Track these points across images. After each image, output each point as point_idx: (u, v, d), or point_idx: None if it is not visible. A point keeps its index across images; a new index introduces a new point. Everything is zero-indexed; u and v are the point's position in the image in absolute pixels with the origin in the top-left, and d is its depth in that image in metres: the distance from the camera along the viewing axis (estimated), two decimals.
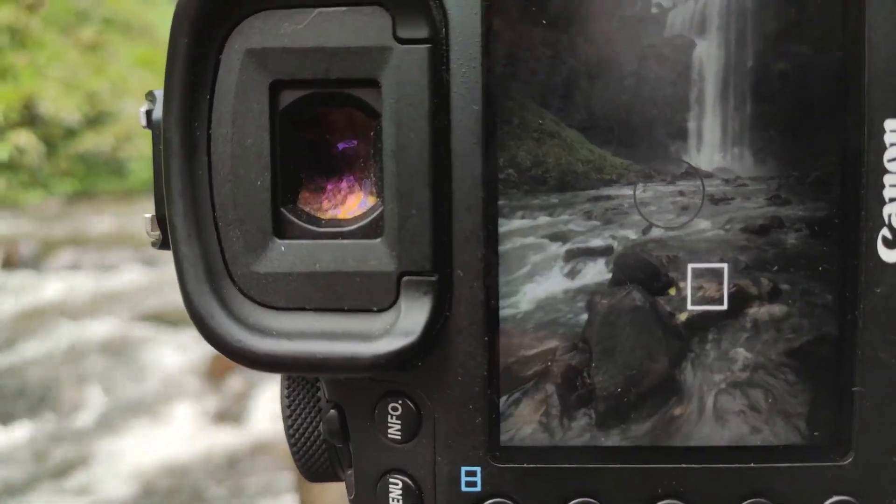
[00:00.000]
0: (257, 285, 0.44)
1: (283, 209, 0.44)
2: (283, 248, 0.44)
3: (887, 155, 0.43)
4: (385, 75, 0.42)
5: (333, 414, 0.47)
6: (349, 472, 0.49)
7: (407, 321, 0.43)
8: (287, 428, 0.51)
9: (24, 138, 11.10)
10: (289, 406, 0.51)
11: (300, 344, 0.43)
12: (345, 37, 0.42)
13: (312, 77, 0.43)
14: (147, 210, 0.50)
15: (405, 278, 0.43)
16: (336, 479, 0.52)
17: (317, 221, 0.45)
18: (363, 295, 0.43)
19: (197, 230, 0.43)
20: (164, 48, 0.44)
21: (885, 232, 0.44)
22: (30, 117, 11.39)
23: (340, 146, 0.47)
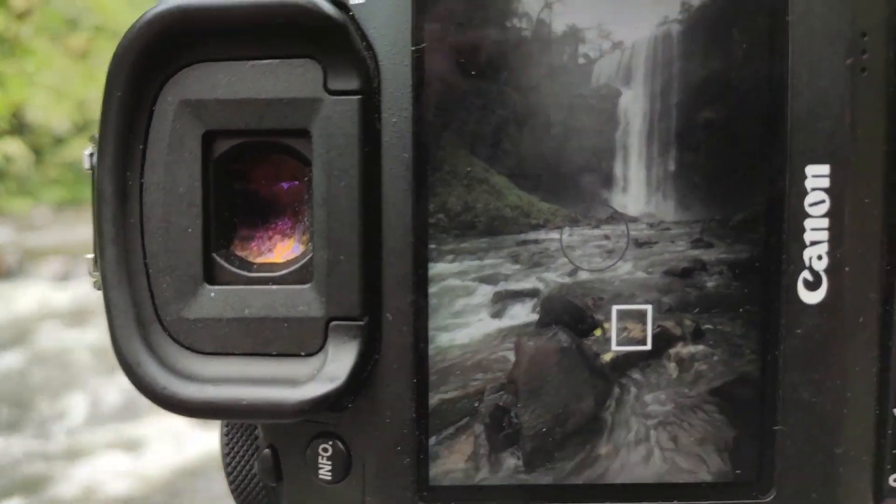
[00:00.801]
0: (186, 331, 0.45)
1: (214, 255, 0.45)
2: (212, 294, 0.44)
3: (808, 199, 0.44)
4: (315, 125, 0.43)
5: (267, 454, 0.48)
6: None
7: (333, 366, 0.44)
8: (226, 466, 0.52)
9: (13, 146, 11.07)
10: (227, 444, 0.52)
11: (226, 390, 0.44)
12: (276, 88, 0.43)
13: (244, 127, 0.44)
14: None
15: (333, 323, 0.44)
16: None
17: (248, 267, 0.46)
18: (291, 340, 0.44)
19: (127, 277, 0.44)
20: None
21: (805, 274, 0.45)
22: (18, 125, 11.36)
23: (284, 186, 0.48)
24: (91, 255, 0.49)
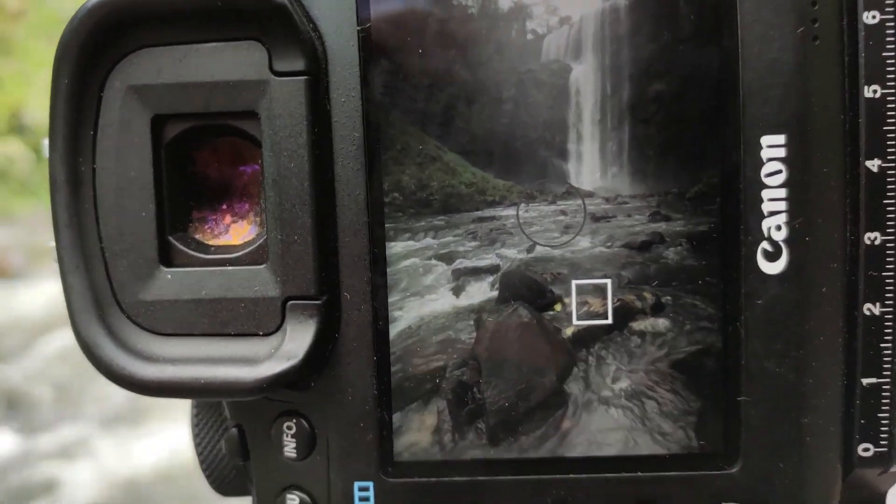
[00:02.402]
0: (145, 313, 0.45)
1: (171, 238, 0.45)
2: (169, 276, 0.45)
3: (765, 170, 0.44)
4: (263, 107, 0.43)
5: (234, 433, 0.49)
6: (253, 488, 0.50)
7: (291, 345, 0.44)
8: (196, 445, 0.53)
9: (13, 147, 11.09)
10: (196, 425, 0.52)
11: (185, 369, 0.44)
12: (222, 71, 0.43)
13: (192, 111, 0.44)
14: None
15: (290, 303, 0.45)
16: (246, 493, 0.53)
17: (205, 249, 0.46)
18: (249, 320, 0.45)
19: (84, 261, 0.44)
20: None
21: (764, 245, 0.45)
22: (17, 126, 11.37)
23: (239, 168, 0.48)
24: (53, 244, 0.50)
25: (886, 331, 0.46)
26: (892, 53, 0.44)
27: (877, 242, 0.45)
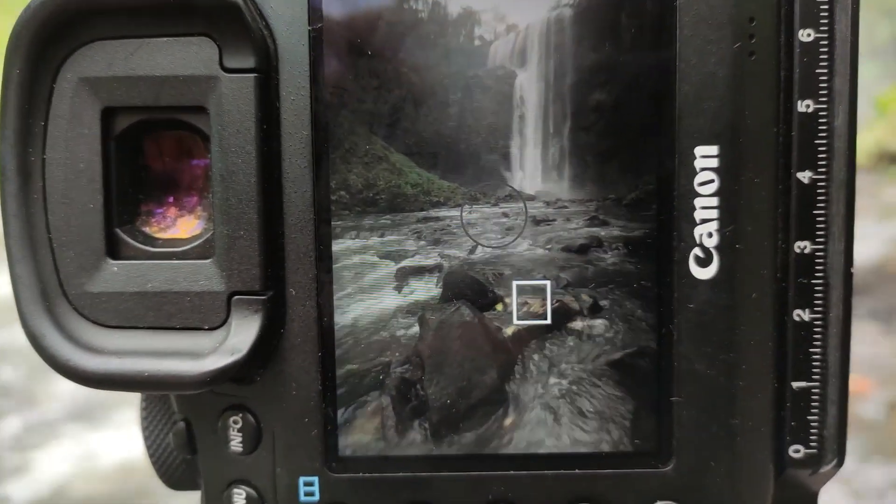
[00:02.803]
0: (91, 304, 0.45)
1: (118, 230, 0.46)
2: (115, 269, 0.45)
3: (697, 179, 0.46)
4: (212, 103, 0.44)
5: (181, 427, 0.49)
6: (201, 481, 0.51)
7: (236, 339, 0.45)
8: (145, 439, 0.53)
9: None
10: (145, 418, 0.53)
11: (130, 362, 0.44)
12: (173, 66, 0.44)
13: (142, 104, 0.44)
14: None
15: (235, 297, 0.45)
16: (196, 487, 0.54)
17: (152, 242, 0.46)
18: (194, 314, 0.45)
19: (32, 251, 0.44)
20: None
21: (696, 251, 0.47)
22: None
23: (188, 163, 0.48)
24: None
25: (815, 336, 0.48)
26: (825, 70, 0.46)
27: (806, 251, 0.47)
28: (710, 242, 0.46)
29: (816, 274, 0.47)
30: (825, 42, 0.46)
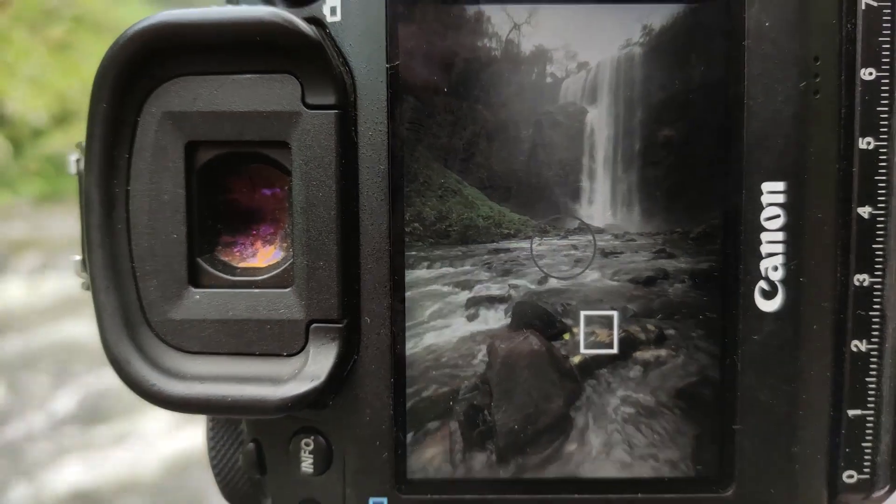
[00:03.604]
0: (173, 331, 0.47)
1: (199, 259, 0.47)
2: (197, 297, 0.47)
3: (764, 214, 0.47)
4: (294, 138, 0.45)
5: (251, 448, 0.50)
6: (267, 501, 0.52)
7: (314, 366, 0.46)
8: (211, 459, 0.54)
9: None
10: (212, 438, 0.54)
11: (212, 387, 0.46)
12: (256, 102, 0.45)
13: (226, 139, 0.46)
14: None
15: (313, 325, 0.47)
16: None
17: (232, 271, 0.48)
18: (274, 341, 0.47)
19: (115, 280, 0.46)
20: None
21: (762, 284, 0.48)
22: None
23: (266, 193, 0.50)
24: (78, 258, 0.51)
25: (872, 366, 0.49)
26: (886, 108, 0.47)
27: (865, 284, 0.48)
28: (776, 276, 0.47)
29: (874, 306, 0.48)
30: (886, 80, 0.47)
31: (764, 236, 0.47)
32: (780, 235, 0.47)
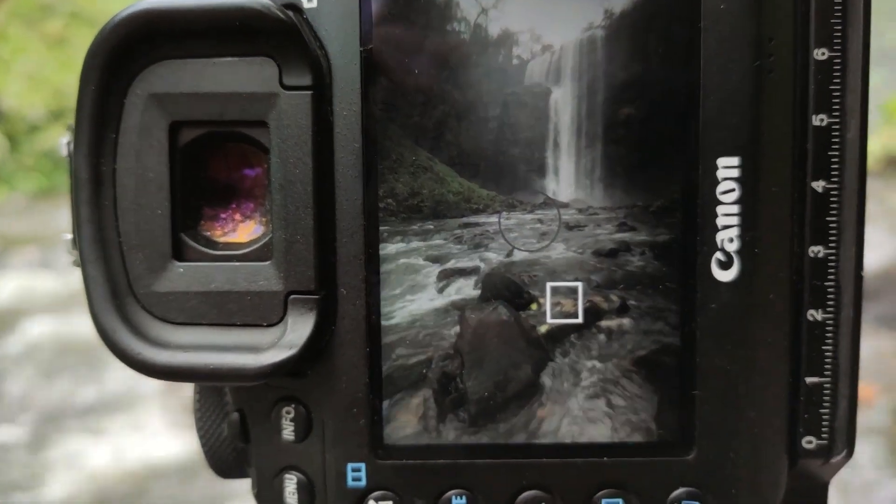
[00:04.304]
0: (158, 303, 0.49)
1: (182, 234, 0.49)
2: (181, 270, 0.49)
3: (720, 188, 0.50)
4: (272, 117, 0.48)
5: (236, 417, 0.53)
6: (251, 469, 0.54)
7: (292, 335, 0.48)
8: (198, 430, 0.57)
9: None
10: (199, 410, 0.56)
11: (195, 356, 0.48)
12: (237, 84, 0.48)
13: (207, 118, 0.48)
14: None
15: (291, 297, 0.49)
16: (244, 475, 0.57)
17: (214, 245, 0.50)
18: (254, 311, 0.49)
19: (103, 254, 0.48)
20: None
21: (718, 255, 0.50)
22: None
23: (246, 172, 0.52)
24: (69, 236, 0.54)
25: (827, 335, 0.51)
26: (838, 86, 0.50)
27: (820, 255, 0.51)
28: (732, 247, 0.50)
29: (829, 277, 0.51)
30: (838, 60, 0.49)
31: (720, 209, 0.50)
32: (735, 209, 0.49)
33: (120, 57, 0.47)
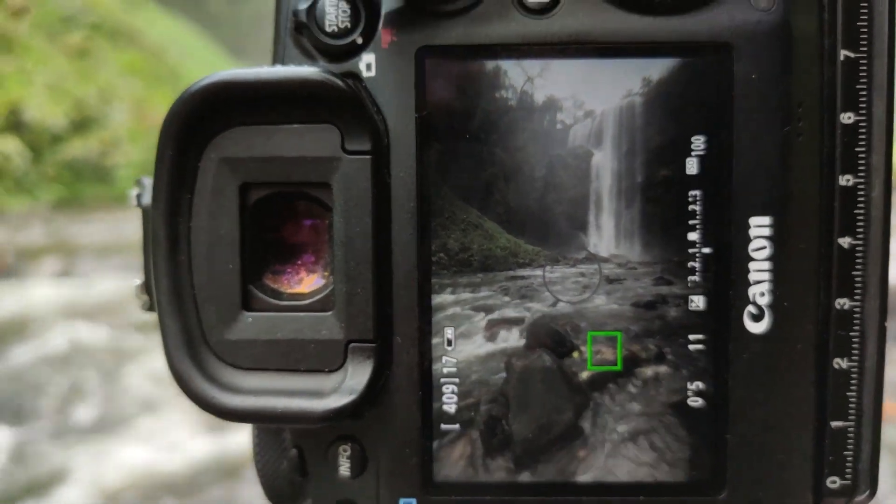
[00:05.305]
0: (229, 350, 0.53)
1: (251, 286, 0.53)
2: (250, 320, 0.53)
3: (752, 246, 0.53)
4: (335, 179, 0.51)
5: (294, 453, 0.56)
6: (308, 501, 0.58)
7: (352, 381, 0.52)
8: (257, 464, 0.60)
9: (10, 144, 11.09)
10: (257, 445, 0.60)
11: (263, 399, 0.52)
12: (302, 148, 0.51)
13: (275, 180, 0.52)
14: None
15: (351, 345, 0.53)
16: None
17: (279, 296, 0.54)
18: (317, 358, 0.53)
19: (178, 305, 0.52)
20: (152, 54, 0.52)
21: (750, 308, 0.53)
22: (15, 123, 11.38)
23: (310, 229, 0.56)
24: (138, 282, 0.58)
25: (852, 382, 0.54)
26: (863, 148, 0.53)
27: (846, 307, 0.54)
28: (763, 301, 0.53)
29: (854, 327, 0.54)
30: (863, 123, 0.52)
31: (752, 265, 0.53)
32: (766, 265, 0.52)
33: (195, 123, 0.51)
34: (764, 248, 0.52)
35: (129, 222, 0.57)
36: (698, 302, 0.53)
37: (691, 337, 0.54)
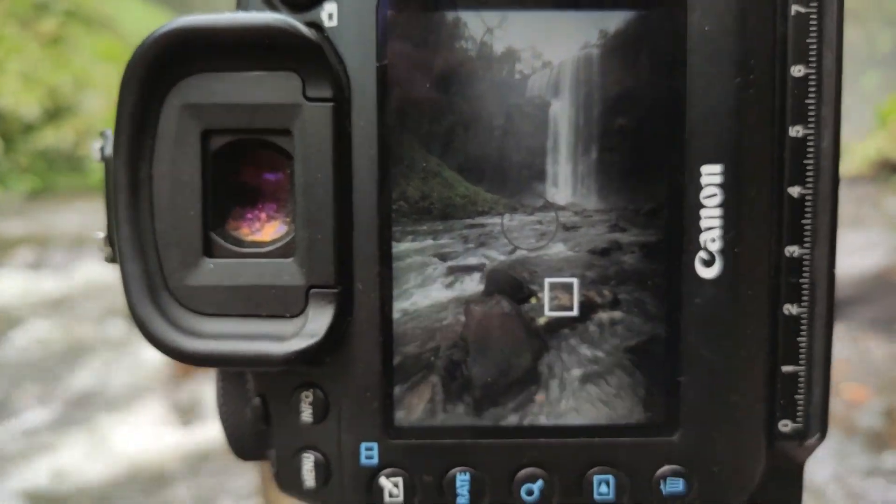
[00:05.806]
0: (190, 296, 0.54)
1: (212, 233, 0.54)
2: (211, 266, 0.54)
3: (703, 193, 0.54)
4: (296, 126, 0.52)
5: (258, 401, 0.57)
6: (272, 451, 0.59)
7: (313, 325, 0.53)
8: (220, 415, 0.61)
9: None
10: (222, 395, 0.61)
11: (224, 343, 0.53)
12: (264, 95, 0.52)
13: (237, 127, 0.53)
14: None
15: (312, 290, 0.53)
16: (262, 457, 0.62)
17: (240, 243, 0.55)
18: (277, 304, 0.54)
19: (140, 251, 0.53)
20: (127, 41, 0.53)
21: (701, 254, 0.55)
22: None
23: (270, 176, 0.57)
24: (102, 234, 0.58)
25: (802, 327, 0.56)
26: (813, 100, 0.54)
27: (795, 254, 0.55)
28: (714, 247, 0.55)
29: (804, 275, 0.56)
30: (813, 76, 0.54)
31: (703, 212, 0.54)
32: (717, 212, 0.54)
33: (157, 70, 0.52)
34: (715, 195, 0.54)
35: (103, 213, 0.57)
36: (651, 248, 0.55)
37: (645, 282, 0.55)
